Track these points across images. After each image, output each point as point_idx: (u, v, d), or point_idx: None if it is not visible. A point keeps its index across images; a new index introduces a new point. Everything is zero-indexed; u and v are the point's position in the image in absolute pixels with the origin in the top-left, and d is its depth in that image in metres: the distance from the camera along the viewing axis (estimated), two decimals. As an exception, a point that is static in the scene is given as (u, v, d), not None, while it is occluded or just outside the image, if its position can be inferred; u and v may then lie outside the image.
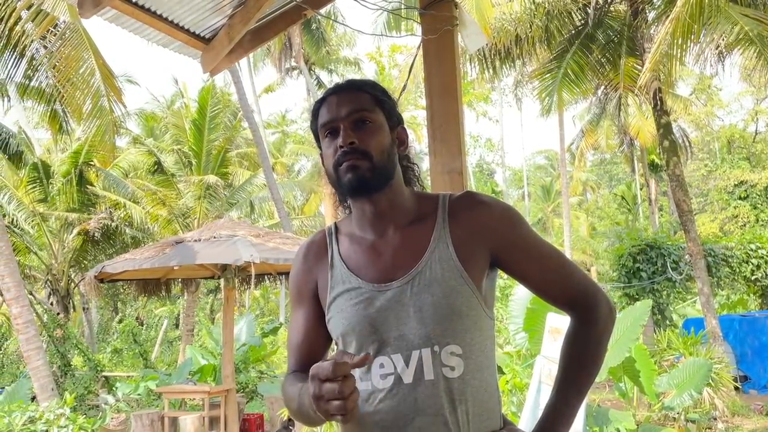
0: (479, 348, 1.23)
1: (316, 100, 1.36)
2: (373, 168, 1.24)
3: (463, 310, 1.20)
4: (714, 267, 11.88)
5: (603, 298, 1.30)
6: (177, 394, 8.30)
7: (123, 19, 2.46)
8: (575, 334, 1.31)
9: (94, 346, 16.67)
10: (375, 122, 1.28)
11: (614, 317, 1.32)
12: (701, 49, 8.10)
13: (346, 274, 1.28)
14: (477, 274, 1.24)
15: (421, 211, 1.30)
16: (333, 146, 1.27)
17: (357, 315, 1.23)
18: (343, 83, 1.35)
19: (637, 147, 22.79)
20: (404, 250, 1.26)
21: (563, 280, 1.30)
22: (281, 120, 35.21)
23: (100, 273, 7.25)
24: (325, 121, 1.29)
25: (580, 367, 1.29)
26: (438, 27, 2.16)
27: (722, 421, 7.18)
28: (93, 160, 14.76)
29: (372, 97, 1.31)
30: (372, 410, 1.20)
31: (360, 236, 1.31)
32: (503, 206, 1.31)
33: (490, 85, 13.76)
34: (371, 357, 1.20)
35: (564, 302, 1.32)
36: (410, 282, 1.22)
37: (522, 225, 1.30)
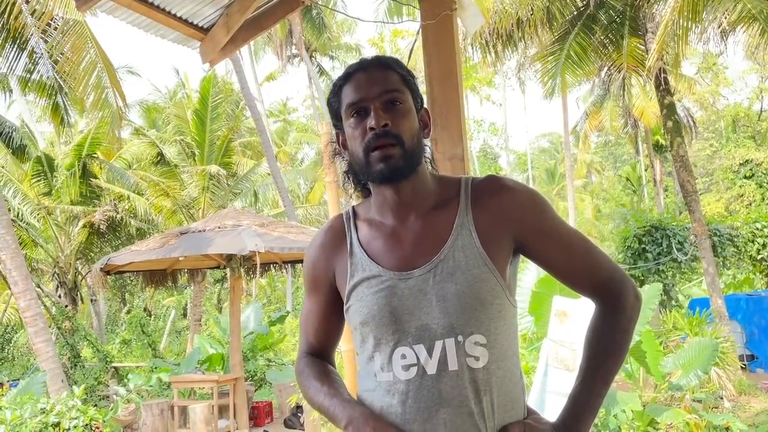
0: (504, 337, 1.21)
1: (339, 76, 1.29)
2: (404, 155, 1.20)
3: (487, 298, 1.18)
4: (719, 247, 11.85)
5: (630, 286, 1.27)
6: (186, 384, 8.36)
7: (120, 11, 2.45)
8: (601, 322, 1.26)
9: (103, 338, 16.79)
10: (405, 104, 1.23)
11: (640, 305, 1.28)
12: (703, 28, 8.01)
13: (366, 261, 1.24)
14: (501, 262, 1.21)
15: (442, 195, 1.26)
16: (361, 127, 1.21)
17: (378, 304, 1.19)
18: (370, 59, 1.28)
19: (642, 128, 22.65)
20: (426, 236, 1.22)
21: (590, 267, 1.26)
22: (283, 108, 35.13)
23: (106, 265, 7.30)
24: (353, 101, 1.23)
25: (606, 355, 1.25)
26: (437, 12, 2.15)
27: (729, 400, 7.20)
28: (96, 152, 14.79)
29: (400, 77, 1.26)
30: (396, 402, 1.17)
31: (380, 222, 1.27)
32: (528, 191, 1.28)
33: (493, 68, 13.66)
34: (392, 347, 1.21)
35: (590, 290, 1.28)
36: (433, 270, 1.19)
37: (548, 211, 1.26)
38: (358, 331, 1.25)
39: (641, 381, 6.21)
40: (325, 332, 1.36)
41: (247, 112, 17.74)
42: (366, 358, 1.24)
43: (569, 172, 21.30)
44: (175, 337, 20.41)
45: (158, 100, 23.38)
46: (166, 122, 19.72)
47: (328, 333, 1.36)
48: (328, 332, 1.36)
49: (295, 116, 35.90)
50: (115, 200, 14.61)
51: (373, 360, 1.22)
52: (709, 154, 28.22)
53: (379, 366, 1.20)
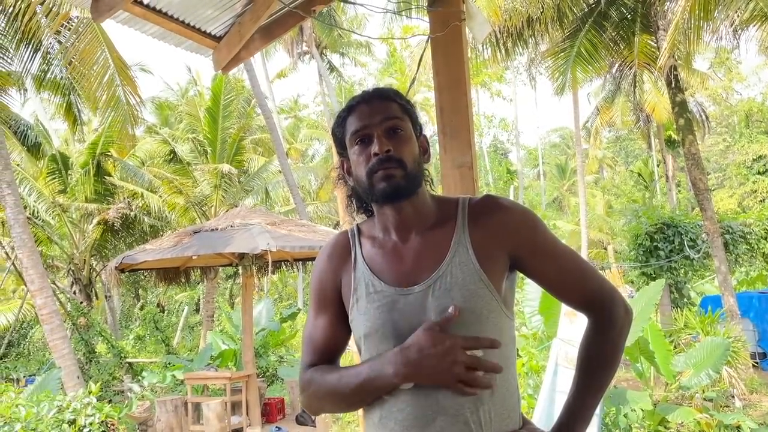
0: (500, 349, 1.24)
1: (343, 108, 1.38)
2: (406, 176, 1.27)
3: (483, 313, 1.23)
4: (732, 244, 11.80)
5: (619, 301, 1.32)
6: (200, 380, 8.46)
7: (134, 21, 2.50)
8: (592, 337, 1.33)
9: (117, 333, 16.99)
10: (406, 131, 1.31)
11: (630, 319, 1.34)
12: (715, 26, 7.96)
13: (369, 276, 1.31)
14: (496, 277, 1.26)
15: (441, 215, 1.33)
16: (365, 153, 1.29)
17: (380, 317, 1.25)
18: (370, 91, 1.37)
19: (654, 123, 22.50)
20: (425, 254, 1.29)
21: (580, 282, 1.33)
22: (294, 105, 35.20)
23: (120, 263, 7.39)
24: (357, 129, 1.31)
25: (596, 368, 1.32)
26: (446, 23, 2.18)
27: (740, 398, 7.18)
28: (110, 150, 14.94)
29: (400, 106, 1.34)
30: (394, 410, 1.22)
31: (382, 239, 1.34)
32: (522, 210, 1.34)
33: (504, 64, 13.62)
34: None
35: (581, 304, 1.35)
36: (431, 286, 1.24)
37: (540, 229, 1.33)
38: (360, 342, 1.31)
39: (652, 380, 6.22)
40: (332, 345, 1.38)
41: (259, 110, 17.83)
42: None
43: (580, 167, 21.21)
44: (188, 333, 20.59)
45: (170, 98, 23.54)
46: (179, 120, 19.87)
47: (335, 345, 1.38)
48: (334, 345, 1.38)
49: (305, 113, 35.97)
50: (128, 198, 14.76)
51: None
52: (723, 149, 28.01)
53: None
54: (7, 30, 8.47)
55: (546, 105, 75.06)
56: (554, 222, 25.78)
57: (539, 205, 33.48)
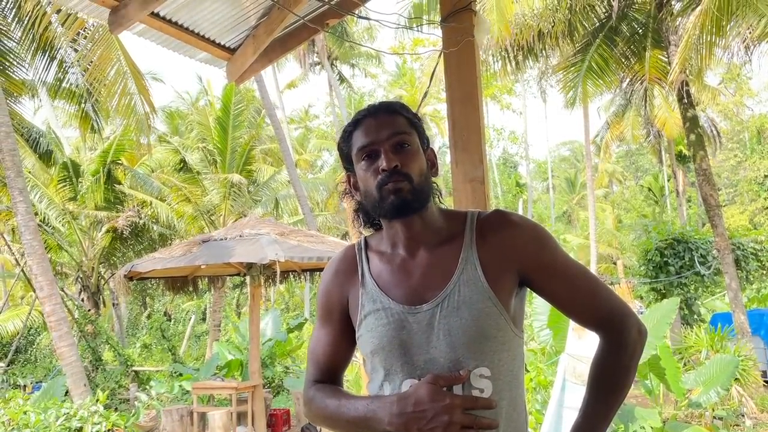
0: (507, 368, 1.24)
1: (348, 123, 1.36)
2: (413, 190, 1.25)
3: (491, 332, 1.21)
4: (743, 261, 11.71)
5: (633, 320, 1.29)
6: (206, 390, 8.45)
7: (150, 33, 2.53)
8: (604, 358, 1.29)
9: (124, 341, 17.03)
10: (413, 145, 1.29)
11: (644, 341, 1.30)
12: (727, 43, 7.95)
13: (377, 293, 1.28)
14: (505, 295, 1.24)
15: (449, 230, 1.30)
16: (373, 168, 1.27)
17: (387, 335, 1.24)
18: (376, 105, 1.35)
19: (664, 138, 22.43)
20: (433, 271, 1.26)
21: (592, 301, 1.29)
22: (304, 115, 35.38)
23: (129, 272, 7.41)
24: (364, 144, 1.29)
25: (607, 391, 1.29)
26: (458, 38, 2.18)
27: (750, 418, 7.09)
28: (121, 159, 15.04)
29: (407, 120, 1.32)
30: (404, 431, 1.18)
31: (390, 254, 1.32)
32: (532, 226, 1.31)
33: (514, 77, 13.65)
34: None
35: (593, 324, 1.31)
36: (440, 305, 1.22)
37: (551, 245, 1.29)
38: (368, 359, 1.30)
39: (661, 397, 6.16)
40: (336, 360, 1.37)
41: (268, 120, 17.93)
42: (376, 386, 1.28)
43: (590, 181, 21.16)
44: (195, 342, 20.59)
45: (181, 107, 23.71)
46: (189, 129, 20.00)
47: (339, 360, 1.38)
48: (338, 359, 1.37)
49: (315, 123, 36.14)
50: (138, 206, 14.84)
51: (383, 389, 1.26)
52: (734, 165, 27.87)
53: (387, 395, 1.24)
54: (23, 39, 8.58)
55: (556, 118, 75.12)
56: (563, 236, 25.68)
57: (548, 219, 33.39)
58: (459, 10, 2.21)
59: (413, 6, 10.01)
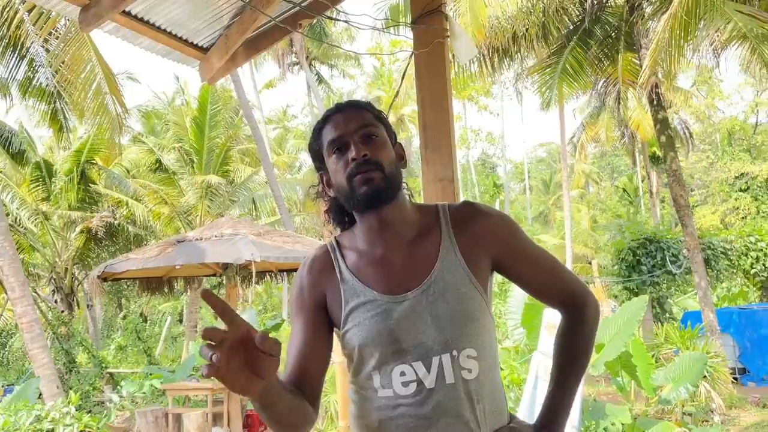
0: (489, 349, 1.31)
1: (318, 121, 1.39)
2: (385, 178, 1.29)
3: (475, 314, 1.28)
4: (713, 260, 11.94)
5: (591, 298, 1.41)
6: (181, 391, 8.39)
7: (122, 31, 2.53)
8: (569, 331, 1.41)
9: (99, 343, 16.79)
10: (381, 137, 1.34)
11: (599, 314, 1.43)
12: (696, 45, 8.13)
13: (360, 287, 1.31)
14: (483, 280, 1.32)
15: (423, 222, 1.36)
16: (343, 160, 1.31)
17: (376, 326, 1.26)
18: (343, 103, 1.39)
19: (638, 139, 22.77)
20: (415, 261, 1.31)
21: (556, 282, 1.40)
22: (282, 115, 35.24)
23: (103, 272, 7.34)
24: (333, 137, 1.32)
25: (574, 361, 1.41)
26: (429, 40, 2.22)
27: (719, 413, 7.24)
28: (95, 158, 14.85)
29: (373, 115, 1.37)
30: (396, 415, 1.25)
31: (367, 250, 1.34)
32: (501, 215, 1.41)
33: (490, 79, 13.77)
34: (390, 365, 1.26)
35: (557, 302, 1.42)
36: (425, 292, 1.27)
37: (519, 232, 1.39)
38: (355, 353, 1.30)
39: (632, 394, 6.27)
40: (312, 358, 1.36)
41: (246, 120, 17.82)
42: (364, 377, 1.30)
43: (566, 182, 21.39)
44: (171, 343, 20.39)
45: (157, 106, 23.46)
46: (165, 129, 19.81)
47: (315, 359, 1.36)
48: (314, 358, 1.36)
49: (294, 123, 36.02)
50: (113, 206, 14.67)
51: (372, 379, 1.29)
52: (706, 166, 28.37)
53: (378, 384, 1.28)
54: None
55: (532, 120, 75.71)
56: (540, 236, 25.92)
57: (525, 219, 33.69)
58: (429, 12, 2.24)
59: (390, 8, 10.05)
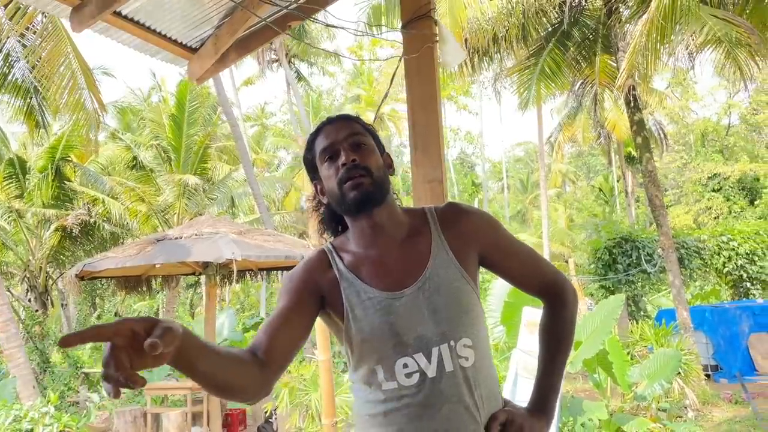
0: (483, 337, 1.41)
1: (311, 133, 1.49)
2: (373, 183, 1.37)
3: (469, 306, 1.38)
4: (687, 259, 12.19)
5: (569, 285, 1.54)
6: (160, 391, 8.34)
7: (112, 31, 2.52)
8: (552, 317, 1.53)
9: (73, 343, 16.52)
10: (369, 145, 1.44)
11: (578, 299, 1.55)
12: (672, 49, 8.30)
13: (360, 285, 1.38)
14: (472, 275, 1.42)
15: (413, 224, 1.45)
16: (334, 167, 1.40)
17: (377, 322, 1.34)
18: (333, 116, 1.49)
19: (614, 140, 23.10)
20: (409, 259, 1.40)
21: (537, 272, 1.53)
22: (260, 113, 35.01)
23: (81, 271, 7.25)
24: (325, 146, 1.42)
25: (559, 343, 1.51)
26: (418, 45, 2.26)
27: (692, 409, 7.41)
28: (70, 155, 14.63)
29: (362, 126, 1.47)
30: (402, 405, 1.32)
31: (362, 252, 1.42)
32: (483, 213, 1.52)
33: (470, 79, 13.88)
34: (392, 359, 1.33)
35: (538, 291, 1.54)
36: (421, 287, 1.36)
37: (500, 227, 1.51)
38: (357, 348, 1.36)
39: (609, 390, 6.39)
40: (283, 330, 1.32)
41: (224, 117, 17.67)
42: (367, 372, 1.36)
43: (543, 181, 21.62)
44: (147, 343, 20.15)
45: (133, 102, 23.16)
46: (141, 126, 19.56)
47: (286, 332, 1.32)
48: (285, 331, 1.32)
49: (272, 121, 35.82)
50: (88, 204, 14.46)
51: (376, 373, 1.35)
52: (680, 166, 28.85)
53: (382, 377, 1.34)
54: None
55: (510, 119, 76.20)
56: (517, 235, 26.10)
57: (503, 218, 33.96)
58: (419, 17, 2.29)
59: (372, 8, 10.08)
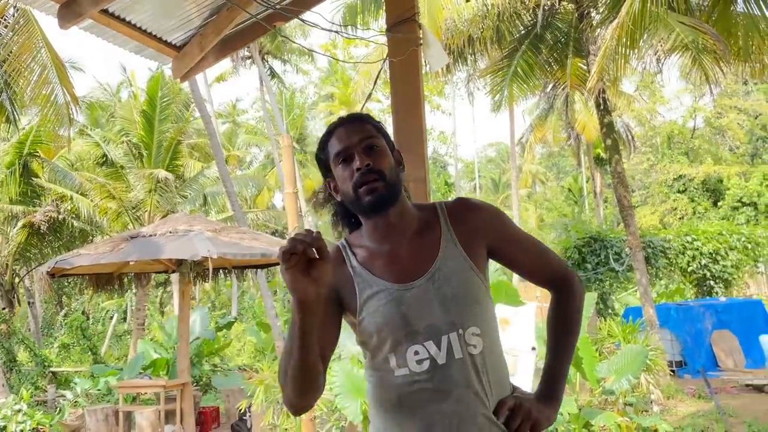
0: (491, 327, 1.46)
1: (323, 133, 1.55)
2: (387, 186, 1.44)
3: (477, 296, 1.44)
4: (653, 258, 12.52)
5: (575, 276, 1.60)
6: (133, 389, 8.28)
7: (98, 28, 2.54)
8: (559, 306, 1.58)
9: (40, 341, 16.26)
10: (381, 147, 1.49)
11: (584, 290, 1.61)
12: (641, 53, 8.53)
13: (372, 278, 1.45)
14: (481, 266, 1.48)
15: (423, 218, 1.51)
16: (349, 170, 1.46)
17: (389, 312, 1.40)
18: (346, 117, 1.56)
19: (583, 141, 23.50)
20: (419, 253, 1.46)
21: (545, 264, 1.58)
22: (232, 110, 34.69)
23: (53, 268, 7.15)
24: (339, 150, 1.47)
25: (567, 331, 1.57)
26: (403, 48, 2.33)
27: (658, 404, 7.64)
28: (38, 150, 14.36)
29: (373, 127, 1.52)
30: (414, 390, 1.39)
31: (375, 248, 1.49)
32: (493, 208, 1.58)
33: (444, 79, 14.02)
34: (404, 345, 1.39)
35: (546, 282, 1.60)
36: (431, 279, 1.42)
37: (509, 222, 1.57)
38: (372, 338, 1.44)
39: (578, 385, 6.55)
40: (324, 338, 1.45)
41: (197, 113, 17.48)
42: (380, 360, 1.44)
43: (515, 181, 21.93)
44: (115, 342, 19.89)
45: (102, 97, 22.76)
46: (111, 121, 19.26)
47: (324, 342, 1.46)
48: (323, 342, 1.45)
49: (244, 118, 35.53)
50: (57, 200, 14.21)
51: (389, 361, 1.42)
52: (647, 168, 29.40)
53: (395, 364, 1.41)
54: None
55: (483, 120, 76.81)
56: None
57: (474, 218, 34.13)
58: (403, 21, 2.36)
59: (347, 7, 10.12)
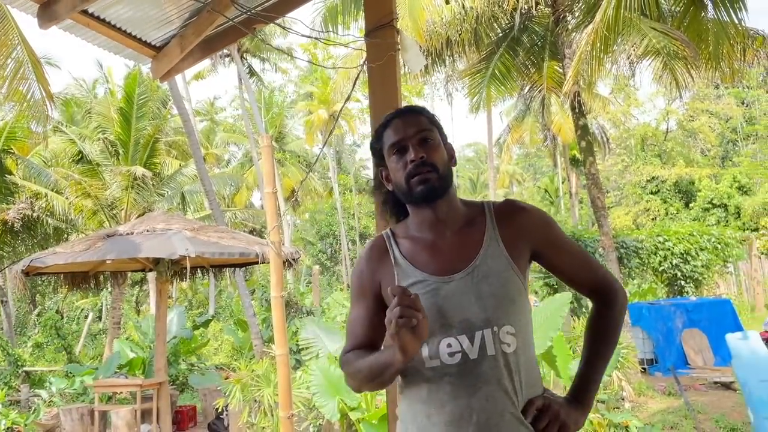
0: (526, 327, 1.48)
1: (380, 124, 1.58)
2: (439, 178, 1.48)
3: (515, 296, 1.45)
4: (626, 258, 12.75)
5: (620, 288, 1.60)
6: (109, 388, 8.22)
7: (77, 28, 2.55)
8: (598, 315, 1.58)
9: (13, 340, 16.01)
10: (435, 140, 1.52)
11: (627, 302, 1.61)
12: (615, 57, 8.71)
13: (412, 269, 1.48)
14: (522, 267, 1.50)
15: (470, 215, 1.54)
16: (403, 161, 1.50)
17: (426, 303, 1.38)
18: (403, 108, 1.59)
19: (559, 142, 23.80)
20: (462, 247, 1.49)
21: (589, 272, 1.59)
22: (210, 107, 34.46)
23: (28, 267, 7.09)
24: (394, 141, 1.51)
25: (604, 341, 1.57)
26: (382, 53, 2.39)
27: (629, 401, 7.80)
28: (12, 147, 14.14)
29: (428, 120, 1.55)
30: (444, 383, 1.41)
31: (420, 237, 1.52)
32: (540, 211, 1.60)
33: (423, 80, 14.11)
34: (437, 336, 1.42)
35: (589, 289, 1.60)
36: (470, 274, 1.45)
37: (556, 227, 1.58)
38: None
39: (551, 383, 6.66)
40: (371, 334, 1.54)
41: (174, 111, 17.36)
42: None
43: (492, 182, 22.12)
44: (90, 341, 19.66)
45: (77, 94, 22.47)
46: (87, 118, 19.02)
47: (374, 335, 1.54)
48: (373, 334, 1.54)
49: (222, 116, 35.31)
50: (31, 198, 14.01)
51: (421, 352, 1.44)
52: (621, 169, 29.84)
53: (427, 354, 1.43)
54: None
55: (461, 121, 77.33)
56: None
57: (452, 217, 34.35)
58: (382, 26, 2.42)
59: (327, 8, 10.14)
